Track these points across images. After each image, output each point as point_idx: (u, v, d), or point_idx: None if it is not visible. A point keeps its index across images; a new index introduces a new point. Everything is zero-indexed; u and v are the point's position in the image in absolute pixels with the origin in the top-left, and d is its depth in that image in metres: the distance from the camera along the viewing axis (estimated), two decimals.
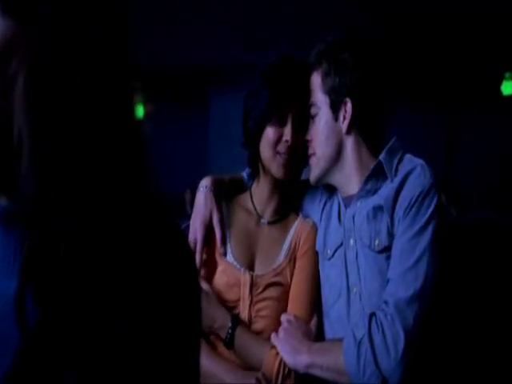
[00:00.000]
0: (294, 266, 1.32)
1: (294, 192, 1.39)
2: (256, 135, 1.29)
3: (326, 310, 1.28)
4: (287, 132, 1.24)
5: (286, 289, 1.30)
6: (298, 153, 1.27)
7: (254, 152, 1.31)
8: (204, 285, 1.30)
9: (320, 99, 1.24)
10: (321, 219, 1.34)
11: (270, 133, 1.26)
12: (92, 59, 0.53)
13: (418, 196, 1.13)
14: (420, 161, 1.20)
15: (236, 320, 1.26)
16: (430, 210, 1.12)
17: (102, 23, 0.55)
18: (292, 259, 1.33)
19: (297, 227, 1.35)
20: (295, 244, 1.34)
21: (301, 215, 1.38)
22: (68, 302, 0.50)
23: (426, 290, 1.08)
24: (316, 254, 1.32)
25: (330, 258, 1.28)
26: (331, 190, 1.34)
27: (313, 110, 1.25)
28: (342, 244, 1.25)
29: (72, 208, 0.51)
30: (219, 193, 1.36)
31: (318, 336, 1.26)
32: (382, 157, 1.21)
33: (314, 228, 1.34)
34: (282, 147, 1.25)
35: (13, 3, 0.52)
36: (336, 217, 1.30)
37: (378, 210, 1.18)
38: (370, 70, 1.23)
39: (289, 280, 1.31)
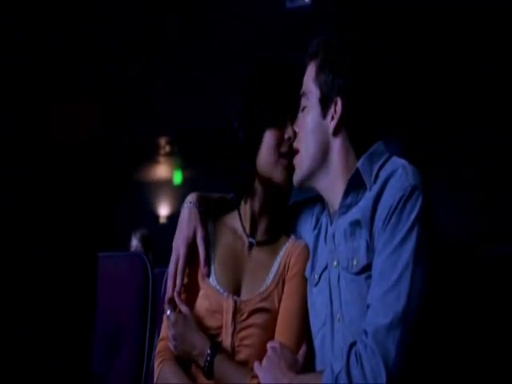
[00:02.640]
0: (283, 291, 1.21)
1: (284, 212, 1.30)
2: (252, 145, 1.22)
3: (313, 337, 1.15)
4: (289, 130, 1.20)
5: (273, 315, 1.19)
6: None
7: (249, 165, 1.23)
8: (183, 308, 1.20)
9: (311, 90, 1.17)
10: (311, 241, 1.23)
11: (270, 136, 1.21)
12: None
13: (399, 202, 1.00)
14: (403, 161, 1.08)
15: (215, 347, 1.15)
16: (412, 216, 0.99)
17: None
18: (280, 282, 1.22)
19: (287, 248, 1.25)
20: (284, 265, 1.23)
21: (293, 236, 1.28)
22: None
23: (411, 311, 0.95)
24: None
25: (316, 284, 1.16)
26: (324, 209, 1.24)
27: (303, 101, 1.19)
28: (326, 267, 1.14)
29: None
30: (205, 210, 1.28)
31: (308, 365, 1.12)
32: (359, 164, 1.10)
33: (306, 249, 1.23)
34: (284, 146, 1.21)
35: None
36: (323, 237, 1.19)
37: (355, 225, 1.06)
38: (366, 73, 1.15)
39: (276, 305, 1.20)
